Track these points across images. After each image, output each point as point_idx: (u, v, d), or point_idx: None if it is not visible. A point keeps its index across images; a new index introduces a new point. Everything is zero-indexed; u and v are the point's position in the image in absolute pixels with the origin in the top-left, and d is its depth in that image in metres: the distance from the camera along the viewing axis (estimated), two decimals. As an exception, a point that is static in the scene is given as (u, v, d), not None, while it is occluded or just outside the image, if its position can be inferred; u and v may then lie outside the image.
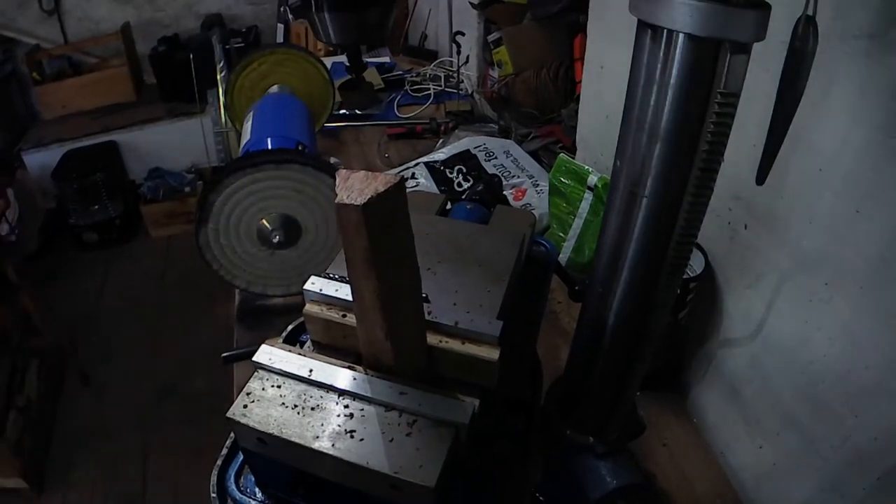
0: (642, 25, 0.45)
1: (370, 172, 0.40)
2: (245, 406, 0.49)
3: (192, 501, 1.74)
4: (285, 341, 0.63)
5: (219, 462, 0.56)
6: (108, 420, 2.04)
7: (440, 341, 0.51)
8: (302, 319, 0.59)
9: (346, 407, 0.49)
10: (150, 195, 2.92)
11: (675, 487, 0.85)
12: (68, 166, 2.79)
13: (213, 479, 0.55)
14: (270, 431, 0.47)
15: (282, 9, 2.77)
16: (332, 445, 0.46)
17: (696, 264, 0.88)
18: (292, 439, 0.46)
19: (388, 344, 0.48)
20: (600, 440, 0.67)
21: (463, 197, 0.78)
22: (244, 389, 0.50)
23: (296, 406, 0.49)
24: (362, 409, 0.48)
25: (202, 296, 2.41)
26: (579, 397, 0.67)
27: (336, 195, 0.38)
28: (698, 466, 0.88)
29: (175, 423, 2.00)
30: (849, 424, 0.67)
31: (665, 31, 0.42)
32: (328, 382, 0.50)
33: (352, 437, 0.46)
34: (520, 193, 1.37)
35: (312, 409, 0.48)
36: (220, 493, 0.54)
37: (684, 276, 0.66)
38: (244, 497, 0.54)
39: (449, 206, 0.76)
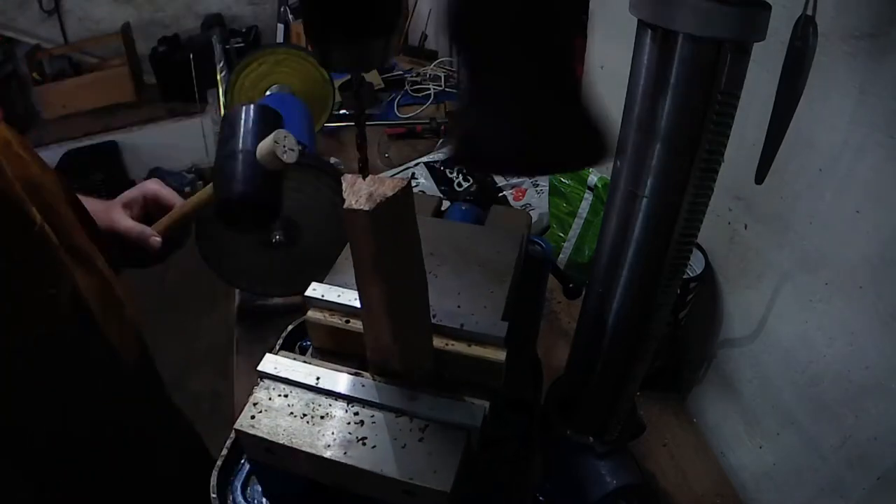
0: (642, 25, 0.45)
1: (377, 177, 0.40)
2: (252, 417, 0.48)
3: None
4: (284, 344, 0.63)
5: (219, 462, 0.55)
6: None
7: (446, 344, 0.51)
8: (300, 320, 0.59)
9: (356, 414, 0.48)
10: (150, 195, 2.91)
11: (675, 487, 0.85)
12: (68, 166, 2.78)
13: (214, 479, 0.54)
14: (280, 442, 0.46)
15: (282, 9, 2.76)
16: (345, 453, 0.45)
17: (696, 264, 0.88)
18: (303, 449, 0.46)
19: (396, 349, 0.47)
20: (600, 440, 0.67)
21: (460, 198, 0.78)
22: (250, 399, 0.50)
23: (304, 415, 0.48)
24: (372, 416, 0.48)
25: (202, 296, 2.41)
26: (579, 397, 0.67)
27: (342, 199, 0.38)
28: (698, 466, 0.88)
29: (175, 423, 2.00)
30: (849, 424, 0.67)
31: (665, 31, 0.42)
32: (336, 390, 0.50)
33: (363, 444, 0.46)
34: (520, 193, 1.37)
35: (322, 417, 0.48)
36: (221, 494, 0.54)
37: (684, 276, 0.66)
38: (251, 507, 0.54)
39: (444, 207, 0.76)
